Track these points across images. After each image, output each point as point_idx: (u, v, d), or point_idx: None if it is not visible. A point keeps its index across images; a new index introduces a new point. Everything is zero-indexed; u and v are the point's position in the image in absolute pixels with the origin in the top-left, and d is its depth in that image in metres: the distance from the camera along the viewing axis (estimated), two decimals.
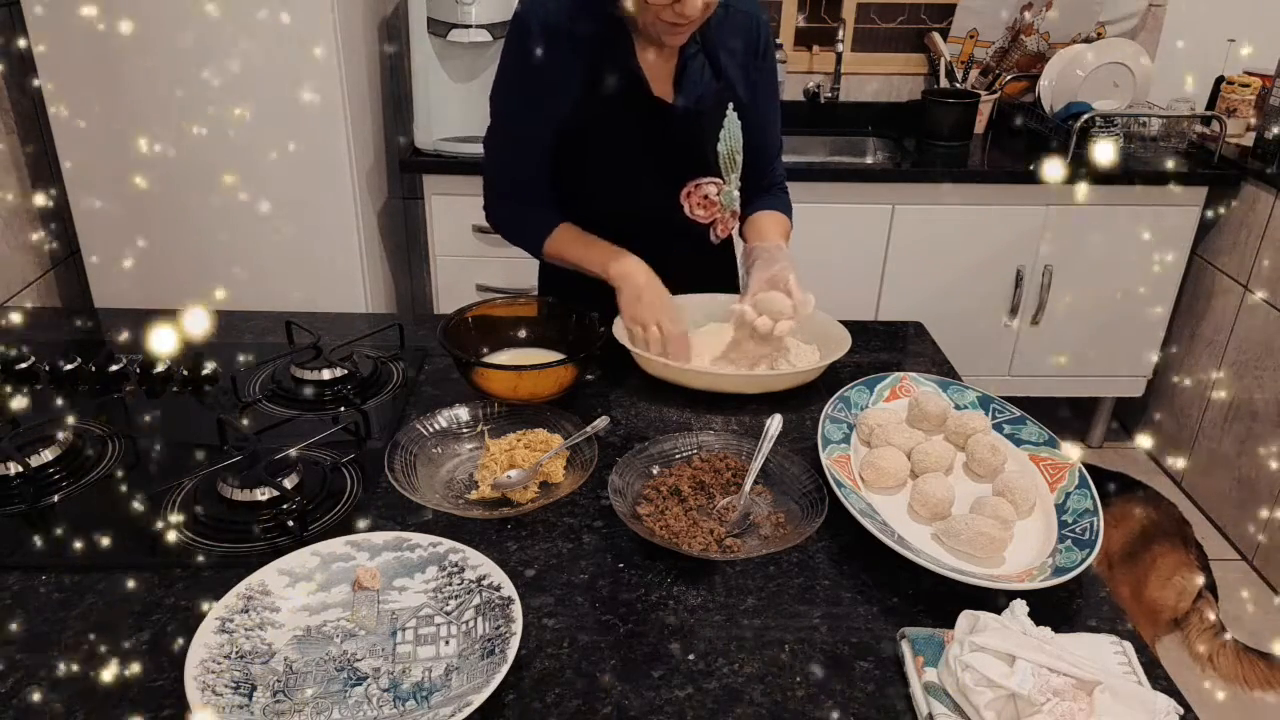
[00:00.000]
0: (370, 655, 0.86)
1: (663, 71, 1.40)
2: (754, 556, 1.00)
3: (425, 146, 2.53)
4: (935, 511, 1.06)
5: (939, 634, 0.88)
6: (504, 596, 0.90)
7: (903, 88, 3.07)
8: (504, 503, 1.09)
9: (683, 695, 0.84)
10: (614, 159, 1.43)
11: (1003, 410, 1.25)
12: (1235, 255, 2.62)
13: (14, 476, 1.09)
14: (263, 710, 0.80)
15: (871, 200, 2.60)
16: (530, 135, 1.41)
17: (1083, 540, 1.00)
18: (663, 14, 1.25)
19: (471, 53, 2.45)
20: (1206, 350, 2.75)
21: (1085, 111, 2.64)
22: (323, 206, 2.34)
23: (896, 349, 1.55)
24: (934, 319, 1.80)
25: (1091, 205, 2.61)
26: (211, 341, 1.50)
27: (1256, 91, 2.66)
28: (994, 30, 2.97)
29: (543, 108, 1.38)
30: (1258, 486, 2.52)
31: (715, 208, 1.47)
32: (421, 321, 1.61)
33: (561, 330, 1.40)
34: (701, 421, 1.29)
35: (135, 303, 2.20)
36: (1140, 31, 2.98)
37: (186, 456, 1.17)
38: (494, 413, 1.24)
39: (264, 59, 2.15)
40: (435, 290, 2.66)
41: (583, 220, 1.46)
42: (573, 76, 1.35)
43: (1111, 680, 0.78)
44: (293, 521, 1.02)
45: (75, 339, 1.53)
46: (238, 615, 0.88)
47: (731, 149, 1.44)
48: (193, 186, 2.27)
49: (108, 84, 2.14)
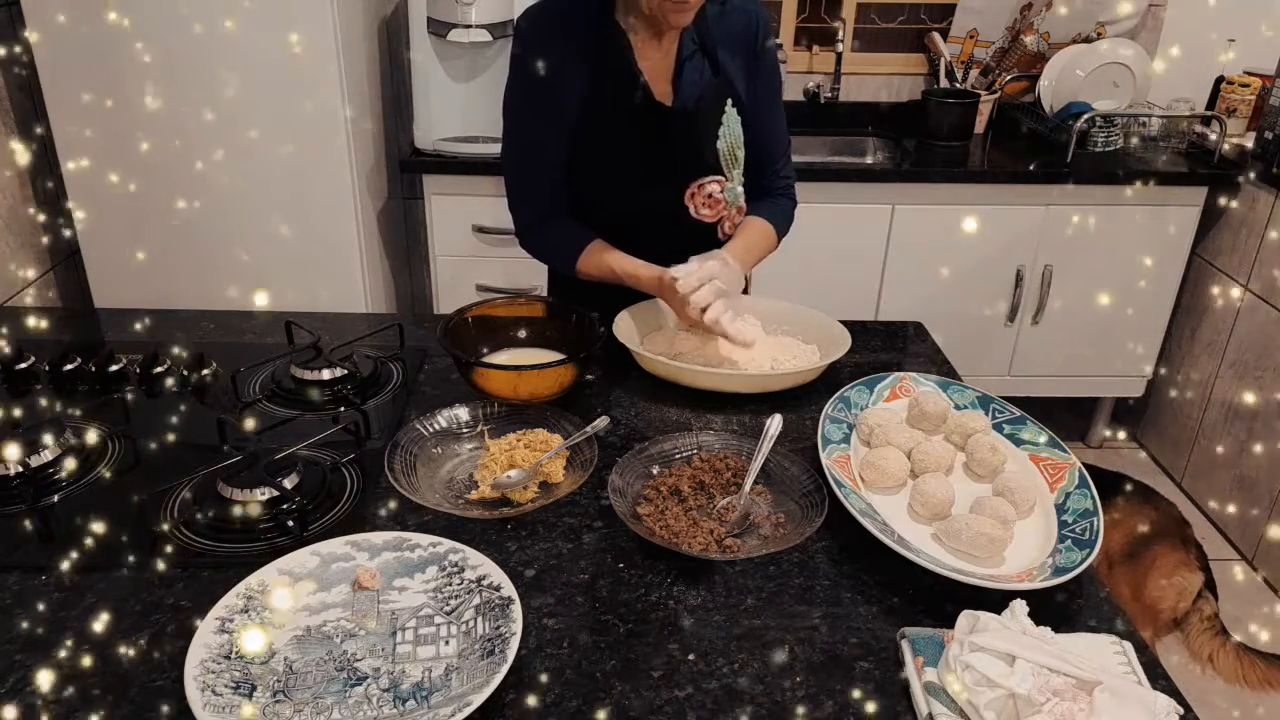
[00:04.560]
0: (370, 655, 0.86)
1: (662, 72, 1.40)
2: (754, 556, 1.00)
3: (425, 147, 2.53)
4: (935, 511, 1.06)
5: (939, 634, 0.88)
6: (504, 596, 0.90)
7: (903, 88, 3.07)
8: (504, 503, 1.09)
9: (683, 695, 0.84)
10: (616, 162, 1.43)
11: (1003, 410, 1.25)
12: (1235, 255, 2.62)
13: (14, 476, 1.09)
14: (263, 710, 0.80)
15: (871, 200, 2.59)
16: (543, 145, 1.41)
17: (1083, 540, 1.00)
18: None
19: (471, 53, 2.45)
20: (1206, 350, 2.75)
21: (1085, 111, 2.64)
22: (323, 207, 2.34)
23: (896, 349, 1.55)
24: (934, 319, 1.80)
25: (1091, 205, 2.62)
26: (211, 341, 1.50)
27: (1256, 91, 2.66)
28: (994, 30, 2.97)
29: (550, 115, 1.38)
30: (1258, 486, 2.52)
31: (720, 205, 1.47)
32: (421, 321, 1.61)
33: (561, 330, 1.40)
34: (701, 421, 1.29)
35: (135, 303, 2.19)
36: (1140, 31, 2.98)
37: (186, 456, 1.17)
38: (494, 413, 1.24)
39: (264, 59, 2.15)
40: (435, 290, 2.66)
41: (589, 224, 1.47)
42: (575, 81, 1.36)
43: (1111, 680, 0.78)
44: (293, 521, 1.02)
45: (75, 339, 1.53)
46: (238, 615, 0.88)
47: (731, 145, 1.44)
48: (193, 186, 2.26)
49: (108, 84, 2.14)
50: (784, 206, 1.58)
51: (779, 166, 1.57)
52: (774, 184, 1.57)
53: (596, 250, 1.44)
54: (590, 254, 1.45)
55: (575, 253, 1.45)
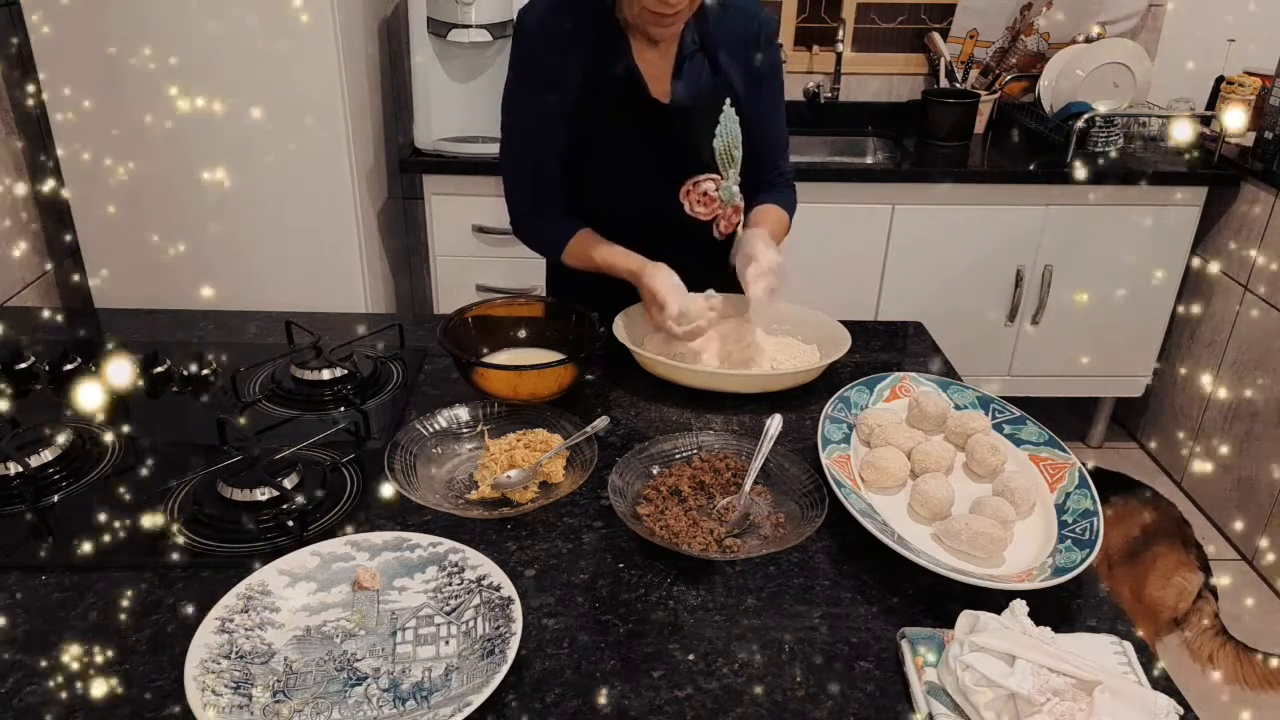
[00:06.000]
0: (370, 655, 0.86)
1: (661, 70, 1.40)
2: (754, 556, 1.00)
3: (425, 146, 2.53)
4: (935, 511, 1.06)
5: (939, 634, 0.88)
6: (504, 596, 0.90)
7: (903, 88, 3.07)
8: (504, 503, 1.09)
9: (683, 695, 0.84)
10: (613, 158, 1.43)
11: (1003, 410, 1.25)
12: (1235, 255, 2.62)
13: (14, 476, 1.09)
14: (263, 710, 0.80)
15: (871, 200, 2.59)
16: (541, 135, 1.42)
17: (1083, 540, 1.00)
18: (649, 4, 1.25)
19: (471, 53, 2.45)
20: (1206, 350, 2.75)
21: (1085, 111, 2.64)
22: (323, 206, 2.34)
23: (896, 349, 1.55)
24: (934, 319, 1.80)
25: (1091, 205, 2.61)
26: (211, 341, 1.50)
27: (1256, 91, 2.66)
28: (994, 30, 2.97)
29: (549, 106, 1.39)
30: (1258, 486, 2.52)
31: (715, 204, 1.47)
32: (421, 321, 1.61)
33: (561, 330, 1.40)
34: (701, 421, 1.29)
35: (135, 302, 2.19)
36: (1140, 31, 2.98)
37: (186, 456, 1.17)
38: (494, 413, 1.24)
39: (264, 60, 2.15)
40: (435, 290, 2.66)
41: (586, 220, 1.47)
42: (573, 77, 1.36)
43: (1111, 680, 0.78)
44: (293, 521, 1.02)
45: (75, 339, 1.53)
46: (238, 615, 0.88)
47: (729, 145, 1.44)
48: (193, 186, 2.26)
49: (108, 84, 2.14)
50: (789, 195, 1.60)
51: (780, 164, 1.58)
52: (777, 180, 1.58)
53: (582, 240, 1.45)
54: (576, 243, 1.46)
55: (563, 241, 1.47)
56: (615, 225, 1.45)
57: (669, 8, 1.25)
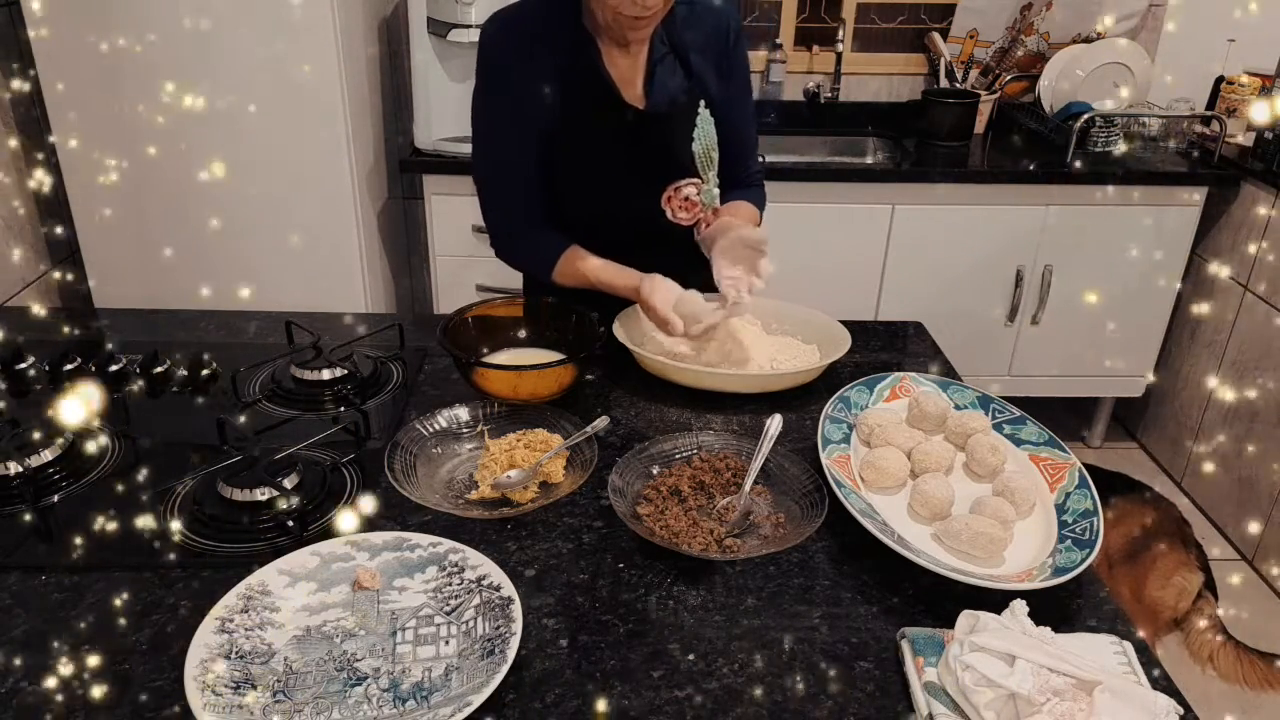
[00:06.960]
0: (370, 655, 0.86)
1: (632, 76, 1.38)
2: (754, 556, 1.00)
3: (425, 146, 2.53)
4: (935, 511, 1.06)
5: (939, 634, 0.88)
6: (504, 596, 0.90)
7: (903, 88, 3.07)
8: (504, 503, 1.09)
9: (683, 695, 0.84)
10: (590, 167, 1.42)
11: (1003, 410, 1.25)
12: (1235, 255, 2.62)
13: (14, 476, 1.09)
14: (263, 710, 0.80)
15: (871, 200, 2.59)
16: (514, 152, 1.40)
17: (1082, 540, 1.00)
18: (622, 7, 1.23)
19: (471, 52, 2.43)
20: (1206, 350, 2.75)
21: (1085, 111, 2.64)
22: (322, 206, 2.34)
23: (896, 349, 1.55)
24: (934, 319, 1.80)
25: (1091, 205, 2.61)
26: (211, 341, 1.50)
27: (1256, 91, 2.66)
28: (994, 30, 2.97)
29: (520, 123, 1.37)
30: (1258, 486, 2.52)
31: (697, 208, 1.44)
32: (421, 321, 1.61)
33: (561, 330, 1.40)
34: (701, 421, 1.29)
35: (135, 303, 2.19)
36: (1140, 31, 2.98)
37: (186, 456, 1.17)
38: (494, 413, 1.24)
39: (264, 60, 2.15)
40: (435, 290, 2.66)
41: (566, 229, 1.45)
42: (543, 86, 1.34)
43: (1111, 680, 0.78)
44: (293, 521, 1.02)
45: (75, 339, 1.53)
46: (238, 615, 0.88)
47: (707, 146, 1.41)
48: (193, 186, 2.26)
49: (108, 85, 2.14)
50: (759, 194, 1.58)
51: (750, 163, 1.56)
52: (750, 180, 1.56)
53: (571, 257, 1.43)
54: (565, 261, 1.43)
55: (551, 260, 1.44)
56: (595, 234, 1.44)
57: (644, 10, 1.22)
